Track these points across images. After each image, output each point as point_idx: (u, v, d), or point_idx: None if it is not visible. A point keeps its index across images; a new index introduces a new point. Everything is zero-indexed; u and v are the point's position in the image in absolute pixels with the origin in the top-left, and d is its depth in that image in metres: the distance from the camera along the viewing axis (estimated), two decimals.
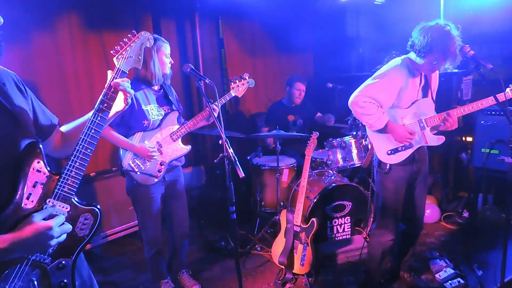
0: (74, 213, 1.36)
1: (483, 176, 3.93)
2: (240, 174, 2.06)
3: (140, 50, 1.49)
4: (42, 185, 1.30)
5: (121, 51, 1.45)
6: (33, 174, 1.28)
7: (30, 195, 1.27)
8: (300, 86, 4.57)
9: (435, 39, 2.35)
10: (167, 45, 2.71)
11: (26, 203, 1.27)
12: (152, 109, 2.72)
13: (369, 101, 2.51)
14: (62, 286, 1.37)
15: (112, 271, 3.60)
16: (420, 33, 2.43)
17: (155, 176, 2.71)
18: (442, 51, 2.35)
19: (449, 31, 2.36)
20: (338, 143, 3.88)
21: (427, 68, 2.53)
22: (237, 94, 2.99)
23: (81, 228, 1.39)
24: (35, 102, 1.47)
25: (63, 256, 1.36)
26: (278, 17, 5.25)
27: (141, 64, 1.51)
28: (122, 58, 1.44)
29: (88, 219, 1.40)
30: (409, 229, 2.93)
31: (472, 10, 4.46)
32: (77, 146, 1.35)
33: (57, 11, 3.78)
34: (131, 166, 2.66)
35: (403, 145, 2.60)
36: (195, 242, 4.01)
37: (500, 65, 4.57)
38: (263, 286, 3.24)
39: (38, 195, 1.29)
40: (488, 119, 3.73)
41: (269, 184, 4.12)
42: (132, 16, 4.34)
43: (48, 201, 1.30)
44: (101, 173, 3.88)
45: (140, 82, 2.69)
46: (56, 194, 1.32)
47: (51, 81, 3.81)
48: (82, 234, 1.39)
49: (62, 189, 1.32)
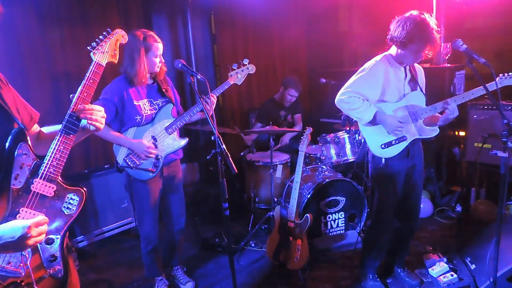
0: (60, 192, 1.47)
1: (476, 171, 3.95)
2: (232, 170, 2.05)
3: (116, 46, 1.64)
4: (29, 167, 1.41)
5: (97, 47, 1.58)
6: (20, 156, 1.39)
7: (18, 175, 1.39)
8: (293, 93, 4.58)
9: (413, 27, 2.39)
10: (158, 44, 2.63)
11: (14, 183, 1.38)
12: (144, 103, 2.68)
13: (354, 95, 2.54)
14: (52, 260, 1.46)
15: (105, 268, 3.57)
16: (397, 25, 2.47)
17: (151, 171, 2.68)
18: (421, 37, 2.39)
19: (425, 18, 2.40)
20: (332, 138, 3.88)
21: (410, 59, 2.54)
22: (236, 81, 2.93)
23: (68, 208, 1.49)
24: (17, 98, 1.57)
25: (51, 233, 1.46)
26: (271, 12, 5.23)
27: (116, 59, 1.65)
28: (99, 52, 1.58)
29: (73, 199, 1.50)
30: (404, 226, 2.94)
31: (465, 4, 4.47)
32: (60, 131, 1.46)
33: (46, 7, 3.71)
34: (126, 162, 2.63)
35: (396, 138, 2.59)
36: (189, 238, 3.99)
37: (492, 59, 4.58)
38: (258, 282, 3.24)
39: (25, 176, 1.40)
40: (481, 114, 3.75)
41: (263, 180, 4.12)
42: (123, 12, 4.28)
43: (34, 181, 1.41)
44: (94, 171, 3.84)
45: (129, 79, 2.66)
46: (42, 175, 1.42)
47: (41, 78, 3.75)
48: (69, 212, 1.49)
49: (48, 170, 1.43)
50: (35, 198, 1.41)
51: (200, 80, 2.31)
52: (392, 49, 2.61)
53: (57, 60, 3.85)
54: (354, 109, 2.55)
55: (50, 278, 1.45)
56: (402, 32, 2.42)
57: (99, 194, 3.81)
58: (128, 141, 2.62)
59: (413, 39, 2.40)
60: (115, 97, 2.59)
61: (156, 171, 2.71)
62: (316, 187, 3.53)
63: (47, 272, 1.44)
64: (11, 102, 1.49)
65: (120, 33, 1.65)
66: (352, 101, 2.54)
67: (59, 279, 1.47)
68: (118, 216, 3.99)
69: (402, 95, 2.64)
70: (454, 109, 2.49)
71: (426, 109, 2.60)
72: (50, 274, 1.44)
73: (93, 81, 1.53)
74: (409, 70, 2.67)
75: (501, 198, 2.44)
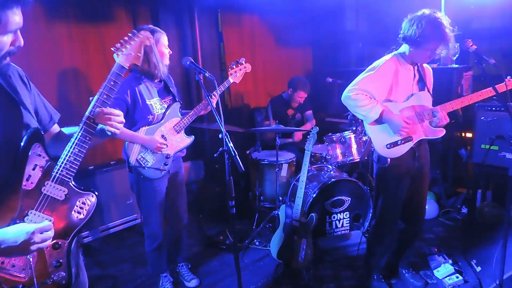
0: (71, 196, 1.43)
1: (482, 172, 3.91)
2: (240, 168, 2.05)
3: (140, 48, 1.54)
4: (42, 168, 1.37)
5: (121, 48, 1.51)
6: (33, 157, 1.35)
7: (30, 177, 1.34)
8: (302, 95, 4.56)
9: (428, 26, 2.37)
10: (164, 35, 2.68)
11: (26, 184, 1.34)
12: (155, 103, 2.71)
13: (361, 93, 2.52)
14: (57, 266, 1.41)
15: (110, 264, 3.59)
16: (411, 24, 2.44)
17: (162, 170, 2.71)
18: (436, 36, 2.37)
19: (439, 17, 2.39)
20: (338, 138, 3.87)
21: (423, 58, 2.52)
22: (235, 80, 2.98)
23: (78, 212, 1.44)
24: (37, 97, 1.54)
25: (59, 237, 1.41)
26: (278, 10, 5.21)
27: (140, 61, 1.56)
28: (122, 54, 1.50)
29: (85, 203, 1.45)
30: (409, 228, 2.92)
31: (473, 4, 4.44)
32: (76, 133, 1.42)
33: (54, 5, 3.71)
34: (138, 162, 2.65)
35: (402, 138, 2.57)
36: (193, 236, 4.01)
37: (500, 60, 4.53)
38: (261, 280, 3.25)
39: (37, 177, 1.36)
40: (488, 115, 3.72)
41: (268, 179, 4.11)
42: (130, 10, 4.29)
43: (46, 183, 1.37)
44: (100, 167, 3.86)
45: (141, 75, 2.66)
46: (54, 177, 1.38)
47: (49, 76, 3.76)
48: (79, 217, 1.45)
49: (61, 173, 1.39)
50: (46, 201, 1.37)
51: (208, 77, 2.32)
52: (402, 48, 2.58)
53: (64, 57, 3.86)
54: (361, 106, 2.52)
55: (53, 284, 1.41)
56: (417, 31, 2.39)
57: (105, 190, 3.83)
58: (142, 138, 2.64)
59: (428, 38, 2.38)
60: (127, 96, 2.59)
61: (167, 170, 2.74)
62: (322, 187, 3.52)
63: (51, 278, 1.40)
64: (30, 101, 1.46)
65: (145, 34, 1.56)
66: (359, 98, 2.51)
67: (62, 286, 1.43)
68: (123, 213, 4.01)
69: (409, 95, 2.62)
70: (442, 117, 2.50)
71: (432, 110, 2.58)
72: (53, 280, 1.41)
73: (114, 83, 1.47)
74: (418, 70, 2.65)
75: (508, 200, 2.42)
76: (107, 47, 4.02)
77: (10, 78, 1.40)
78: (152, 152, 2.68)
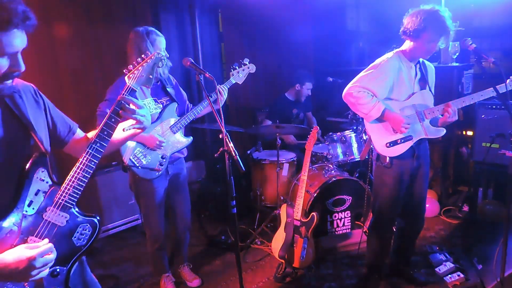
0: (72, 222, 1.40)
1: (483, 170, 3.92)
2: (240, 168, 2.05)
3: (152, 70, 1.52)
4: (44, 194, 1.33)
5: (133, 70, 1.49)
6: (36, 182, 1.31)
7: (31, 202, 1.31)
8: (310, 86, 4.60)
9: (427, 15, 2.40)
10: (161, 39, 2.65)
11: (27, 210, 1.30)
12: (149, 103, 2.69)
13: (363, 90, 2.52)
14: None
15: (112, 264, 3.60)
16: (410, 17, 2.47)
17: (157, 170, 2.70)
18: (435, 25, 2.39)
19: (438, 9, 2.42)
20: (338, 137, 3.87)
21: (423, 51, 2.52)
22: (238, 81, 2.92)
23: (78, 238, 1.42)
24: (53, 112, 1.52)
25: (58, 264, 1.37)
26: (278, 10, 5.21)
27: (151, 83, 1.55)
28: (134, 77, 1.48)
29: (86, 230, 1.43)
30: (409, 226, 2.93)
31: (473, 3, 4.43)
32: (81, 158, 1.38)
33: (51, 4, 3.68)
34: (132, 161, 2.64)
35: (402, 137, 2.57)
36: (195, 236, 4.01)
37: (501, 59, 4.54)
38: (263, 280, 3.25)
39: (39, 203, 1.32)
40: (489, 113, 3.72)
41: (269, 179, 4.12)
42: (131, 9, 4.29)
43: (48, 209, 1.33)
44: (101, 168, 3.86)
45: None
46: (56, 203, 1.35)
47: (46, 77, 3.72)
48: (79, 244, 1.43)
49: (63, 198, 1.35)
50: (46, 227, 1.33)
51: (208, 78, 2.32)
52: (404, 45, 2.59)
53: (61, 58, 3.83)
54: (362, 104, 2.52)
55: None
56: (416, 21, 2.41)
57: (106, 191, 3.84)
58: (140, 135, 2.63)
59: (426, 27, 2.39)
60: None
61: (162, 170, 2.72)
62: (323, 186, 3.53)
63: None
64: (43, 120, 1.43)
65: (158, 56, 1.52)
66: (360, 96, 2.52)
67: None
68: (125, 213, 4.02)
69: (410, 93, 2.62)
70: (454, 113, 2.50)
71: (433, 109, 2.58)
72: None
73: (123, 106, 1.43)
74: (420, 68, 2.64)
75: (509, 198, 2.42)
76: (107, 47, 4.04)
77: (21, 99, 1.36)
78: (147, 152, 2.67)
